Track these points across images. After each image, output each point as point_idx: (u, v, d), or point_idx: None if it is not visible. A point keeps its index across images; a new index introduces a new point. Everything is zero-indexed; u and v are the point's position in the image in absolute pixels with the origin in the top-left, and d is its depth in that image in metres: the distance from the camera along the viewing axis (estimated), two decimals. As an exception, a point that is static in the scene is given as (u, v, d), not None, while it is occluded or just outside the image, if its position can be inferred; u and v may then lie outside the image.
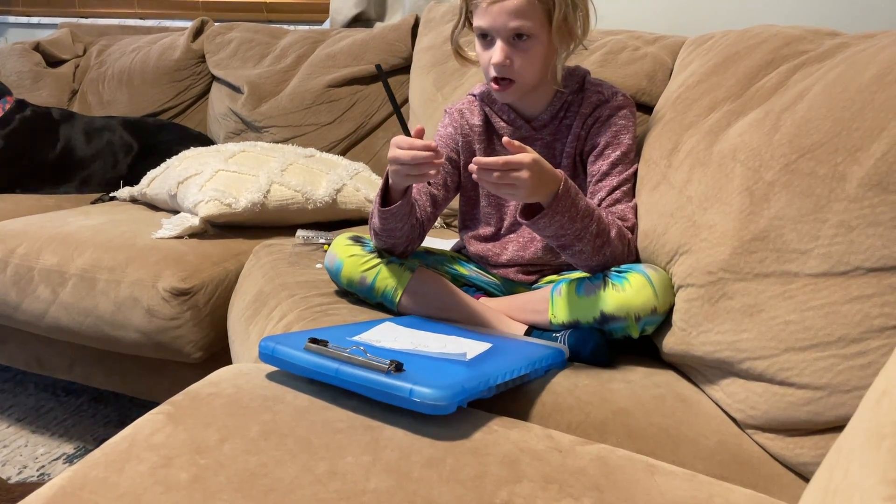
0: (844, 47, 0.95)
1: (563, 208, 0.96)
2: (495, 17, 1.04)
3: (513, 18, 1.03)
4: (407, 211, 1.06)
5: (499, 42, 1.05)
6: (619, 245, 1.03)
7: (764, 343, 0.78)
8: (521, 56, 1.06)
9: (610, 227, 1.02)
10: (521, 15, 1.03)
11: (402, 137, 0.97)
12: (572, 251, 1.01)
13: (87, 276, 1.42)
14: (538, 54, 1.07)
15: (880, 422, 0.41)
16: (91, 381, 1.63)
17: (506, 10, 1.03)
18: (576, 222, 0.98)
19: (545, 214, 0.97)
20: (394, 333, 0.94)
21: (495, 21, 1.04)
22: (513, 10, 1.03)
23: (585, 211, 0.99)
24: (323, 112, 2.05)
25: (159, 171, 1.76)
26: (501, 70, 1.07)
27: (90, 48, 2.55)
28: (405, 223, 1.08)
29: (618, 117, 1.13)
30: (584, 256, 1.01)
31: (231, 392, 0.78)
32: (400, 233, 1.09)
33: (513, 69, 1.07)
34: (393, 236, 1.10)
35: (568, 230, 0.98)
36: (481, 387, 0.77)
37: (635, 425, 0.83)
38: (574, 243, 0.99)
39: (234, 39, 2.27)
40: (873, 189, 0.70)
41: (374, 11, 2.26)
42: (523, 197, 0.96)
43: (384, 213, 1.06)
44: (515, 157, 0.91)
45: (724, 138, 0.96)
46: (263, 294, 1.22)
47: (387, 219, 1.07)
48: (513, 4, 1.02)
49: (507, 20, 1.03)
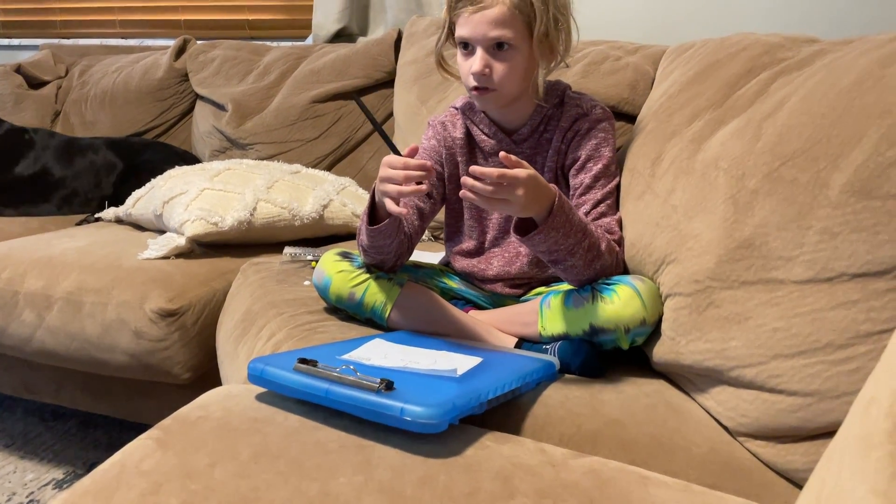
0: (822, 54, 0.96)
1: (558, 224, 0.96)
2: (476, 25, 1.04)
3: (493, 28, 1.04)
4: (395, 228, 1.06)
5: (479, 51, 1.06)
6: (608, 258, 1.03)
7: (752, 350, 0.79)
8: (501, 66, 1.06)
9: (600, 241, 1.02)
10: (501, 25, 1.04)
11: (395, 158, 0.97)
12: (564, 266, 1.01)
13: (72, 299, 1.41)
14: (518, 65, 1.07)
15: (869, 431, 0.41)
16: (79, 405, 1.62)
17: (487, 20, 1.04)
18: (569, 237, 0.97)
19: (540, 231, 0.96)
20: (384, 350, 0.93)
21: (476, 30, 1.05)
22: (494, 20, 1.03)
23: (579, 226, 0.99)
24: (308, 128, 2.05)
25: (144, 191, 1.75)
26: (480, 79, 1.07)
27: (72, 69, 2.54)
28: (393, 240, 1.08)
29: (597, 130, 1.13)
30: (575, 271, 1.01)
31: (220, 415, 0.77)
32: (388, 249, 1.09)
33: (492, 79, 1.07)
34: (381, 252, 1.10)
35: (562, 245, 0.98)
36: (472, 403, 0.77)
37: (627, 436, 0.83)
38: (567, 258, 0.99)
39: (217, 57, 2.26)
40: (855, 195, 0.71)
41: (356, 26, 2.27)
42: (516, 212, 0.95)
43: (372, 231, 1.06)
44: (511, 172, 0.90)
45: (706, 147, 0.97)
46: (252, 313, 1.21)
47: (375, 237, 1.06)
48: (494, 14, 1.03)
49: (488, 29, 1.04)
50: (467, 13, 1.05)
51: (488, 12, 1.03)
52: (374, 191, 1.03)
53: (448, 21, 1.12)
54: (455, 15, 1.08)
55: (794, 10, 1.78)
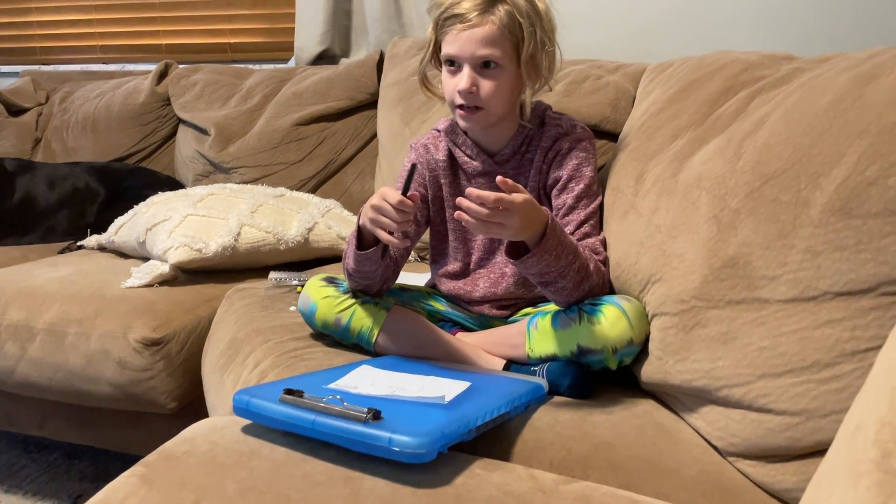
0: (800, 72, 0.97)
1: (551, 247, 0.96)
2: (465, 44, 1.04)
3: (482, 46, 1.04)
4: (381, 252, 1.06)
5: (466, 68, 1.06)
6: (596, 279, 1.03)
7: (739, 370, 0.79)
8: (488, 84, 1.06)
9: (588, 262, 1.02)
10: (490, 43, 1.04)
11: (392, 193, 0.95)
12: (554, 287, 1.01)
13: (55, 330, 1.39)
14: (505, 85, 1.07)
15: (857, 458, 0.41)
16: (63, 437, 1.59)
17: (475, 38, 1.04)
18: (561, 260, 0.97)
19: (533, 254, 0.96)
20: (371, 377, 0.93)
21: (464, 48, 1.05)
22: (482, 39, 1.04)
23: (570, 248, 0.99)
24: (291, 150, 2.04)
25: (127, 218, 1.74)
26: (468, 97, 1.07)
27: (53, 95, 2.52)
28: (379, 265, 1.07)
29: (578, 150, 1.13)
30: (565, 293, 1.01)
31: (206, 449, 0.76)
32: (374, 274, 1.09)
33: (479, 97, 1.07)
34: (367, 277, 1.09)
35: (553, 267, 0.98)
36: (461, 430, 0.76)
37: (617, 458, 0.82)
38: (557, 280, 0.99)
39: (199, 81, 2.26)
40: (836, 214, 0.71)
41: (338, 48, 2.27)
42: (509, 236, 0.95)
43: (360, 256, 1.05)
44: (508, 197, 0.89)
45: (688, 166, 0.98)
46: (237, 341, 1.20)
47: (361, 262, 1.06)
48: (483, 33, 1.03)
49: (477, 48, 1.04)
50: (456, 31, 1.05)
51: (477, 31, 1.04)
52: (360, 216, 1.03)
53: (434, 40, 1.12)
54: (442, 33, 1.08)
55: (771, 27, 1.80)
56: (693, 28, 1.86)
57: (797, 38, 1.77)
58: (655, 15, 1.89)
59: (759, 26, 1.81)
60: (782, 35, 1.79)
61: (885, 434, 0.39)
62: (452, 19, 1.05)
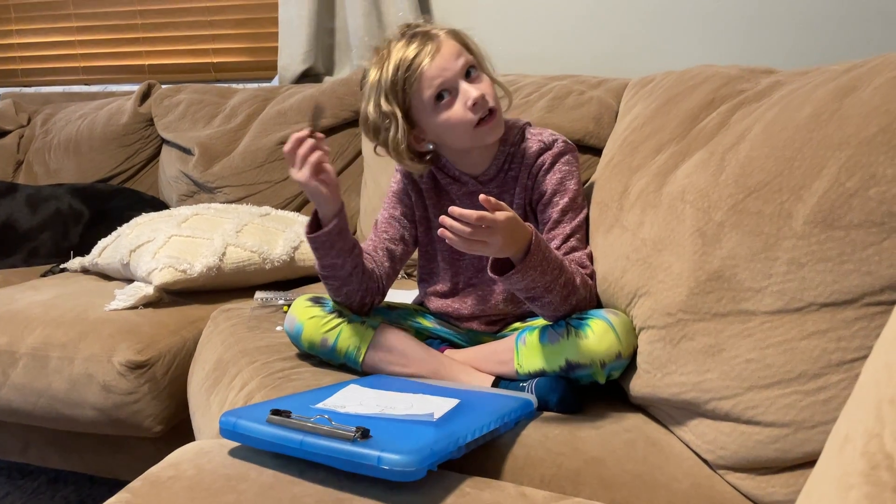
0: (780, 85, 0.98)
1: (535, 262, 0.96)
2: (446, 64, 1.05)
3: (457, 57, 1.06)
4: (343, 243, 1.07)
5: (462, 83, 1.06)
6: (583, 292, 1.03)
7: (727, 382, 0.79)
8: (485, 86, 1.08)
9: (574, 276, 1.02)
10: (461, 53, 1.07)
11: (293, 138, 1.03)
12: (541, 302, 1.01)
13: (38, 354, 1.37)
14: (489, 82, 1.10)
15: (845, 471, 0.41)
16: (47, 462, 1.57)
17: (448, 55, 1.06)
18: (546, 275, 0.98)
19: (518, 270, 0.96)
20: (359, 396, 0.92)
21: (447, 69, 1.05)
22: (452, 52, 1.06)
23: (555, 262, 0.99)
24: (276, 169, 2.04)
25: (110, 240, 1.72)
26: (485, 103, 1.06)
27: (34, 117, 2.50)
28: (345, 259, 1.07)
29: (561, 163, 1.14)
30: (552, 307, 1.01)
31: (192, 473, 0.75)
32: (343, 271, 1.08)
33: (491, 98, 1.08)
34: (338, 277, 1.09)
35: (539, 283, 0.98)
36: (451, 447, 0.75)
37: (608, 474, 0.82)
38: (544, 295, 0.99)
39: (183, 101, 2.25)
40: (819, 226, 0.72)
41: (322, 66, 2.28)
42: (493, 253, 0.95)
43: (312, 241, 1.07)
44: (490, 215, 0.89)
45: (672, 180, 0.98)
46: (223, 362, 1.19)
47: (318, 248, 1.07)
48: (448, 48, 1.06)
49: (456, 61, 1.06)
50: (427, 63, 1.04)
51: (444, 49, 1.06)
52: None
53: (399, 111, 1.08)
54: (413, 78, 1.06)
55: (750, 41, 1.82)
56: (674, 42, 1.88)
57: (777, 52, 1.79)
58: (636, 29, 1.91)
59: (739, 40, 1.83)
60: (763, 49, 1.81)
61: (872, 446, 0.39)
62: (413, 66, 1.05)
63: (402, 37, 1.08)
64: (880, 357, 0.46)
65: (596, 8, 1.93)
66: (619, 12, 1.92)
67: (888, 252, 0.66)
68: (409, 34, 1.08)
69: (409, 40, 1.06)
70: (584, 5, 1.93)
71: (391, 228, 1.21)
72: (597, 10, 1.93)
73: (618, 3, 1.91)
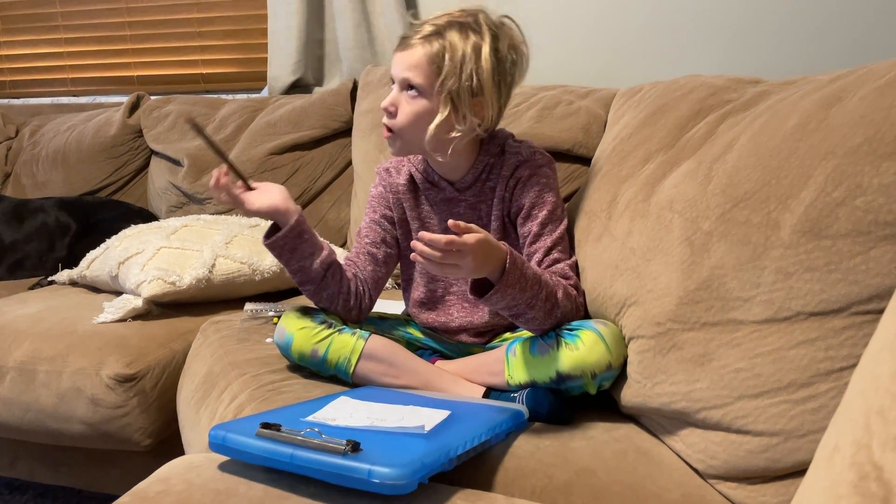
0: (766, 95, 0.99)
1: (513, 281, 0.96)
2: (397, 64, 1.10)
3: (407, 69, 1.08)
4: (305, 246, 1.10)
5: (395, 88, 1.10)
6: (567, 304, 1.03)
7: (717, 392, 0.79)
8: (406, 108, 1.09)
9: (556, 289, 1.02)
10: (414, 67, 1.07)
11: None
12: (525, 318, 1.01)
13: (26, 368, 1.36)
14: (420, 112, 1.08)
15: (835, 481, 0.41)
16: (36, 477, 1.55)
17: (404, 60, 1.08)
18: (526, 292, 0.98)
19: (497, 291, 0.96)
20: (350, 409, 0.92)
21: (396, 68, 1.10)
22: (409, 62, 1.07)
23: (534, 279, 0.99)
24: (266, 180, 2.02)
25: (99, 252, 1.71)
26: (386, 117, 1.11)
27: (22, 129, 2.49)
28: (312, 261, 1.10)
29: (538, 176, 1.14)
30: (536, 322, 1.01)
31: (181, 489, 0.74)
32: (314, 273, 1.11)
33: (399, 121, 1.10)
34: (311, 280, 1.11)
35: (519, 300, 0.98)
36: (442, 460, 0.75)
37: (599, 484, 0.82)
38: (526, 311, 0.99)
39: (172, 112, 2.25)
40: (806, 235, 0.72)
41: (312, 77, 2.28)
42: (466, 275, 0.95)
43: (269, 246, 1.10)
44: (460, 239, 0.89)
45: (660, 189, 0.99)
46: (213, 374, 1.18)
47: (280, 255, 1.10)
48: (411, 56, 1.07)
49: (402, 69, 1.08)
50: (397, 52, 1.10)
51: (407, 53, 1.08)
52: None
53: None
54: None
55: (737, 51, 1.84)
56: (661, 52, 1.89)
57: (763, 62, 1.81)
58: (624, 39, 1.92)
59: (726, 50, 1.85)
60: (749, 58, 1.82)
61: (861, 456, 0.39)
62: (401, 43, 1.10)
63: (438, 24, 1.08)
64: (868, 367, 0.46)
65: (584, 19, 1.94)
66: (607, 23, 1.93)
67: (875, 261, 0.67)
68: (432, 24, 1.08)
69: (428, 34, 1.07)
70: (572, 16, 1.94)
71: (372, 232, 1.21)
72: (585, 21, 1.94)
73: (606, 14, 1.93)
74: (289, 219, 1.09)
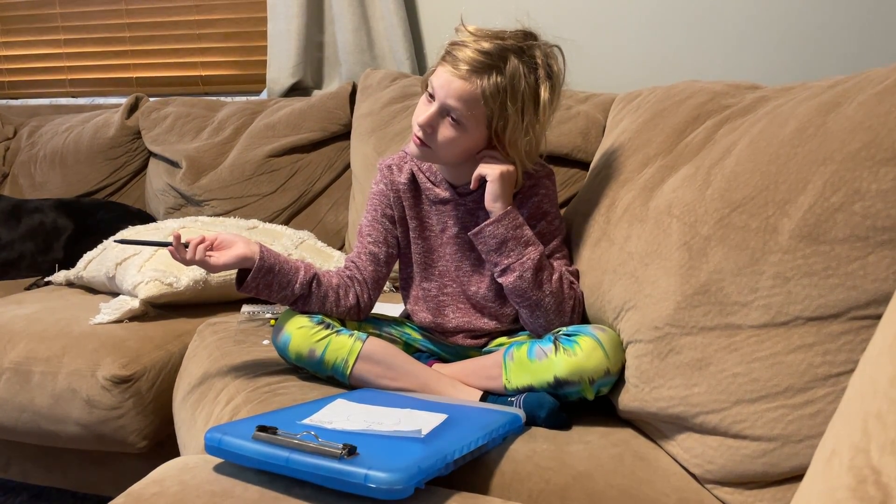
0: (765, 101, 0.99)
1: (510, 221, 1.06)
2: (444, 84, 1.03)
3: (455, 98, 1.03)
4: (279, 277, 1.10)
5: (435, 106, 1.05)
6: (560, 287, 1.07)
7: (715, 396, 0.79)
8: (445, 132, 1.06)
9: (553, 271, 1.07)
10: (462, 100, 1.03)
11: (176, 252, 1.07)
12: (530, 302, 1.05)
13: (21, 369, 1.36)
14: (460, 141, 1.07)
15: (832, 485, 0.41)
16: (30, 479, 1.55)
17: (454, 87, 1.03)
18: (520, 239, 1.06)
19: (497, 219, 1.06)
20: (346, 412, 0.91)
21: (442, 88, 1.04)
22: (459, 92, 1.03)
23: (529, 237, 1.08)
24: (264, 182, 2.03)
25: (96, 253, 1.71)
26: (421, 132, 1.07)
27: (20, 130, 2.49)
28: (293, 287, 1.11)
29: (538, 187, 1.14)
30: (548, 314, 1.06)
31: (176, 490, 0.74)
32: (300, 292, 1.11)
33: (433, 138, 1.07)
34: (300, 300, 1.13)
35: (509, 240, 1.06)
36: (439, 464, 0.75)
37: (596, 489, 0.82)
38: (517, 268, 1.05)
39: (171, 114, 2.25)
40: (804, 240, 0.72)
41: (311, 80, 2.28)
42: (494, 177, 1.07)
43: (245, 291, 1.11)
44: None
45: (658, 194, 0.99)
46: (209, 376, 1.18)
47: (258, 294, 1.11)
48: (462, 87, 1.02)
49: (449, 95, 1.03)
50: (446, 68, 1.04)
51: (458, 83, 1.02)
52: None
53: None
54: (443, 57, 1.06)
55: (735, 57, 1.84)
56: (660, 57, 1.90)
57: (761, 68, 1.81)
58: (623, 44, 1.93)
59: (724, 55, 1.85)
60: (748, 64, 1.83)
61: (859, 461, 0.39)
62: (450, 56, 1.04)
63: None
64: (866, 371, 0.46)
65: (583, 23, 1.94)
66: (606, 28, 1.93)
67: (873, 266, 0.67)
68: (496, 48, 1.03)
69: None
70: (570, 20, 1.95)
71: (374, 231, 1.21)
72: (584, 26, 1.94)
73: (604, 19, 1.93)
74: (254, 260, 1.09)
